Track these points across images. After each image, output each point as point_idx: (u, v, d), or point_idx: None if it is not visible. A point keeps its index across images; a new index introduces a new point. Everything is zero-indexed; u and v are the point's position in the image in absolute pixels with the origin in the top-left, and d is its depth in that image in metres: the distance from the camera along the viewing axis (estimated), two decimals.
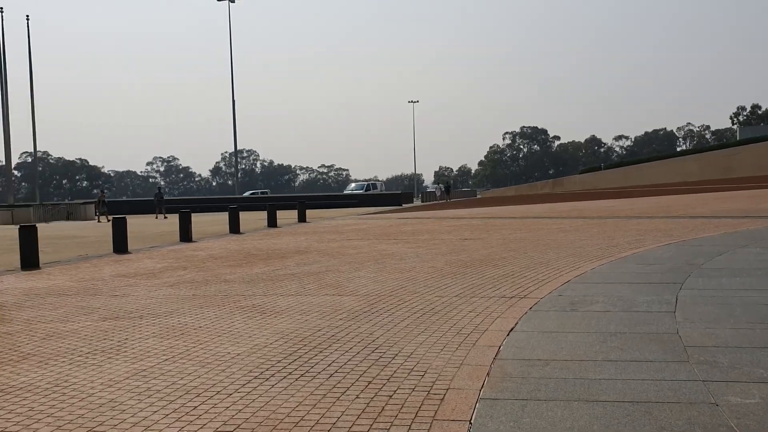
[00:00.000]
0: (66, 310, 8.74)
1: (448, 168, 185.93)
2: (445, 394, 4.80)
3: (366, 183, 59.19)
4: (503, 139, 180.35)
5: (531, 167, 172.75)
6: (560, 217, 25.23)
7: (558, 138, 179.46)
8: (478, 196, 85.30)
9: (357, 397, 4.80)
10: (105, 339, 6.93)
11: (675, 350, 5.72)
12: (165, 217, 36.97)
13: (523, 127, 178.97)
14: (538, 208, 33.23)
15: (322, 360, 5.80)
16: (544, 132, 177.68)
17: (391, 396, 4.80)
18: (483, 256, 13.22)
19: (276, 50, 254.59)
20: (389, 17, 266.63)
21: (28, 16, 57.56)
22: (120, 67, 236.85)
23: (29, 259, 13.84)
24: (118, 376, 5.49)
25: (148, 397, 4.92)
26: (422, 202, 61.11)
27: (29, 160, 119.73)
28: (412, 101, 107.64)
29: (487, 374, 5.22)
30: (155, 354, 6.21)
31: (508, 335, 6.49)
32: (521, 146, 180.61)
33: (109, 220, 33.27)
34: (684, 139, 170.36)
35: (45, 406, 4.79)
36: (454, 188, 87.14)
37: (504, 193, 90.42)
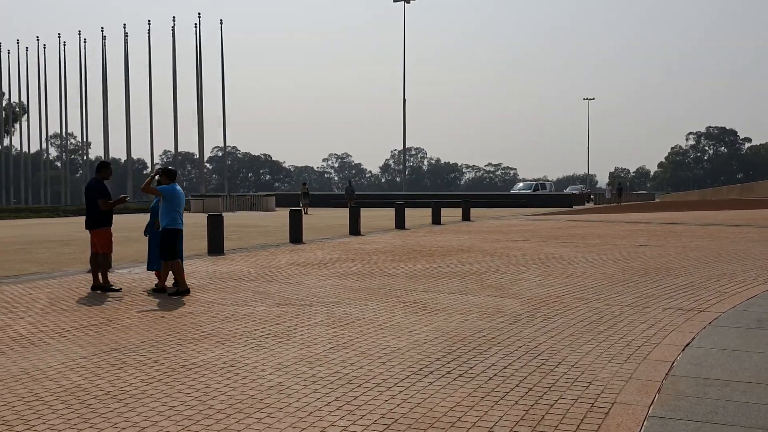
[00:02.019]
0: (244, 294, 9.35)
1: (625, 169, 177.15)
2: (610, 408, 4.55)
3: (534, 183, 57.83)
4: (686, 139, 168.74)
5: (717, 171, 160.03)
6: (748, 225, 23.12)
7: (749, 140, 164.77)
8: (657, 200, 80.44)
9: (516, 402, 4.69)
10: (277, 324, 7.32)
11: None
12: (306, 212, 37.26)
13: (709, 127, 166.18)
14: (723, 214, 30.69)
15: (481, 362, 5.73)
16: (733, 133, 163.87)
17: (552, 405, 4.64)
18: (659, 264, 12.43)
19: (447, 49, 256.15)
20: (562, 13, 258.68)
21: (221, 20, 62.40)
22: (300, 69, 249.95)
23: (215, 246, 14.97)
24: (287, 361, 5.77)
25: (313, 383, 5.13)
26: (594, 204, 58.68)
27: (220, 154, 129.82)
28: (587, 98, 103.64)
29: (658, 391, 4.89)
30: (321, 342, 6.46)
31: (683, 350, 6.04)
32: (706, 148, 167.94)
33: (306, 213, 34.79)
34: None
35: (220, 384, 5.14)
36: (630, 190, 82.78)
37: (685, 198, 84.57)
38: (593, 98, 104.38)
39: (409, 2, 62.09)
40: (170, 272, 9.62)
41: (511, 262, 12.86)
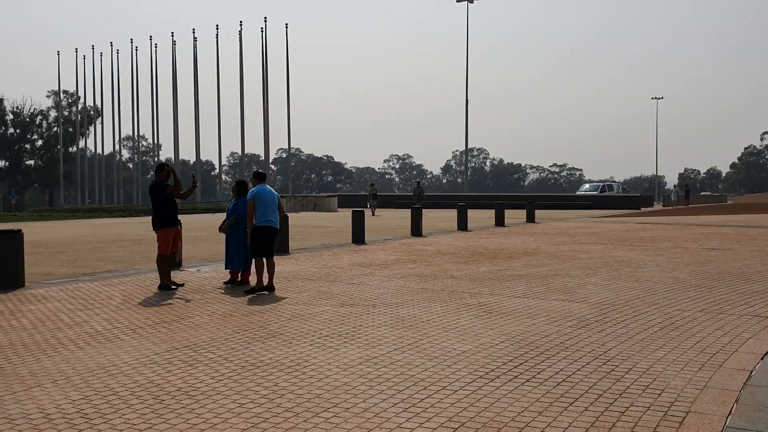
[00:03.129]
0: (309, 294, 9.46)
1: (695, 170, 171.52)
2: (684, 418, 4.41)
3: (601, 184, 56.49)
4: (761, 139, 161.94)
5: None
6: None
7: None
8: (729, 202, 77.54)
9: (586, 409, 4.59)
10: (341, 324, 7.38)
11: None
12: (373, 213, 35.77)
13: None
14: None
15: (549, 366, 5.64)
16: None
17: (623, 413, 4.52)
18: (733, 268, 11.98)
19: (510, 48, 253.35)
20: (630, 10, 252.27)
21: (286, 24, 63.38)
22: (362, 70, 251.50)
23: (281, 245, 15.19)
24: (352, 361, 5.81)
25: (379, 384, 5.15)
26: (663, 206, 56.98)
27: (284, 156, 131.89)
28: (655, 98, 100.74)
29: (736, 401, 4.70)
30: (386, 343, 6.48)
31: (762, 359, 5.80)
32: None
33: (374, 214, 34.68)
34: None
35: (287, 383, 5.22)
36: (699, 191, 79.99)
37: (760, 200, 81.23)
38: (662, 97, 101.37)
39: (472, 2, 61.70)
40: (263, 270, 9.79)
41: (578, 266, 12.62)
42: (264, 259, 9.73)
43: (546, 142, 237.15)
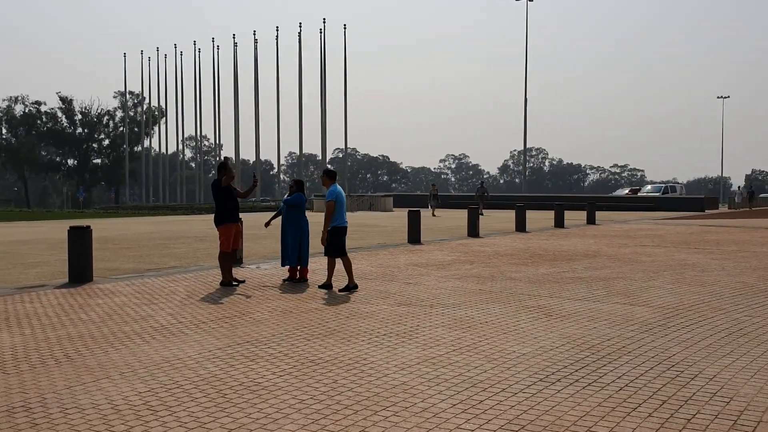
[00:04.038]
0: (366, 293, 9.52)
1: (762, 171, 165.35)
2: (755, 428, 4.26)
3: (663, 185, 54.99)
4: None
5: None
6: None
7: None
8: None
9: (650, 415, 4.49)
10: (399, 323, 7.40)
11: None
12: (481, 213, 33.06)
13: None
14: None
15: (611, 371, 5.53)
16: None
17: (689, 420, 4.40)
18: None
19: (570, 47, 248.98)
20: (694, 7, 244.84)
21: (345, 25, 63.78)
22: (418, 70, 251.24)
23: None
24: (410, 361, 5.82)
25: (437, 384, 5.14)
26: (729, 208, 55.11)
27: (340, 155, 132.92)
28: (721, 97, 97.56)
29: None
30: (444, 343, 6.46)
31: None
32: None
33: (434, 215, 33.55)
34: None
35: (346, 380, 5.26)
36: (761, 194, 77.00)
37: None
38: (728, 96, 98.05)
39: (531, 0, 60.95)
40: (334, 268, 9.93)
41: (640, 269, 12.33)
42: (340, 257, 9.85)
43: (607, 142, 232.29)
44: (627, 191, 55.46)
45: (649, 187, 57.08)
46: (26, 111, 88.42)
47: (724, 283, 10.45)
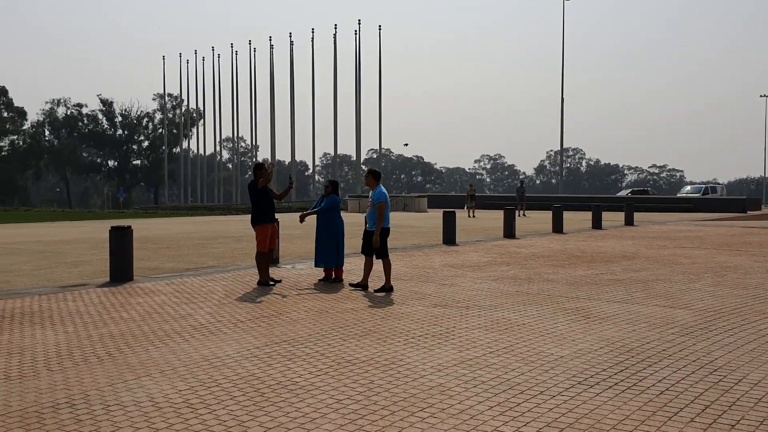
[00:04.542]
0: (401, 293, 9.52)
1: None
2: None
3: (703, 186, 53.94)
4: None
5: None
6: None
7: None
8: None
9: (692, 420, 4.41)
10: (435, 325, 7.39)
11: None
12: (523, 214, 33.50)
13: None
14: None
15: (651, 374, 5.44)
16: None
17: (733, 426, 4.31)
18: None
19: (607, 44, 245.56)
20: (736, 4, 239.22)
21: (380, 26, 63.99)
22: (452, 69, 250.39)
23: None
24: (447, 362, 5.80)
25: (474, 386, 5.12)
26: None
27: (375, 156, 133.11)
28: (764, 95, 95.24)
29: None
30: (481, 345, 6.44)
31: None
32: None
33: (472, 216, 32.89)
34: None
35: (383, 381, 5.27)
36: None
37: None
38: None
39: None
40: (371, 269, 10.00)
41: (679, 271, 12.11)
42: (381, 259, 9.88)
43: (645, 142, 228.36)
44: (628, 192, 54.69)
45: (688, 187, 56.05)
46: (68, 113, 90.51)
47: (767, 287, 10.22)
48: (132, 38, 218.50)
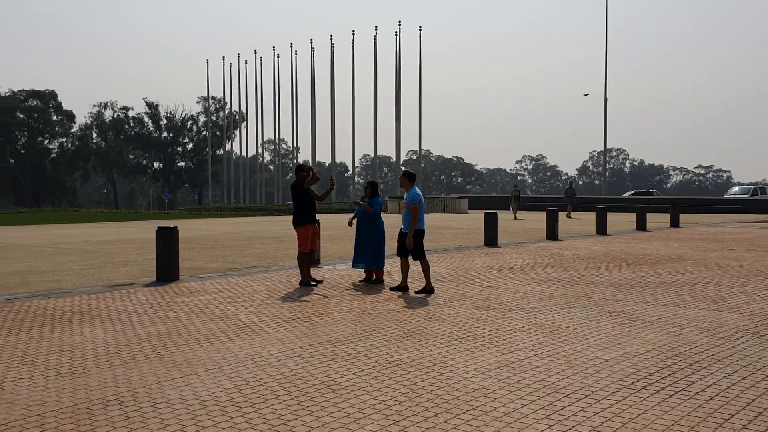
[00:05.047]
0: (443, 295, 9.50)
1: None
2: None
3: (752, 187, 52.52)
4: None
5: None
6: None
7: None
8: None
9: (744, 427, 4.30)
10: (477, 327, 7.35)
11: None
12: (569, 216, 32.54)
13: None
14: None
15: (700, 379, 5.33)
16: None
17: None
18: None
19: (652, 43, 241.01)
20: None
21: (420, 27, 63.93)
22: (492, 70, 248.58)
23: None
24: (490, 365, 5.77)
25: (518, 389, 5.08)
26: None
27: (414, 157, 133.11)
28: None
29: None
30: (524, 348, 6.38)
31: None
32: None
33: (515, 218, 32.12)
34: None
35: (425, 383, 5.26)
36: None
37: None
38: None
39: None
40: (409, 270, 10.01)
41: (728, 273, 11.82)
42: (419, 260, 9.88)
43: (690, 142, 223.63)
44: (630, 193, 53.56)
45: (736, 188, 54.69)
46: (115, 116, 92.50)
47: None
48: (177, 42, 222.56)
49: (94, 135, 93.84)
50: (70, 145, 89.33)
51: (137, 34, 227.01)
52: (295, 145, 75.53)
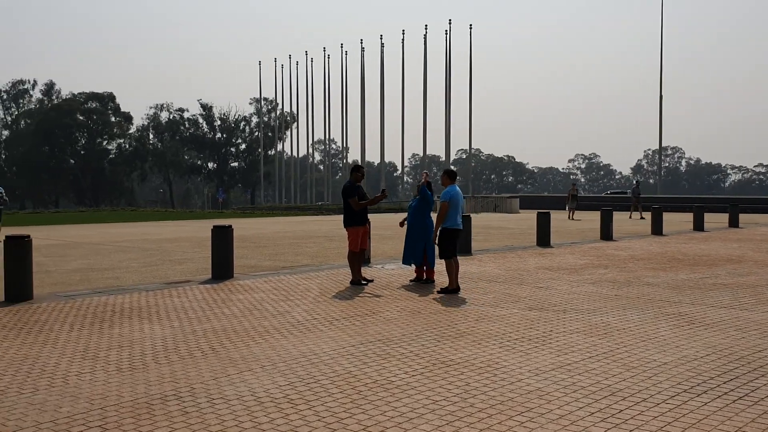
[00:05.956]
0: (495, 296, 9.42)
1: None
2: None
3: None
4: None
5: None
6: None
7: None
8: None
9: None
10: (531, 328, 7.26)
11: None
12: (642, 217, 31.42)
13: None
14: None
15: (765, 384, 5.16)
16: None
17: None
18: None
19: (709, 38, 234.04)
20: None
21: (471, 25, 63.47)
22: (544, 67, 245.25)
23: (464, 246, 15.25)
24: (544, 366, 5.70)
25: (573, 392, 5.00)
26: None
27: (464, 156, 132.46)
28: None
29: None
30: (579, 350, 6.28)
31: None
32: None
33: (571, 218, 31.18)
34: None
35: (479, 383, 5.23)
36: None
37: None
38: None
39: None
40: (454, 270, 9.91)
41: None
42: (444, 259, 9.82)
43: (750, 140, 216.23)
44: (608, 192, 51.58)
45: None
46: (171, 118, 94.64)
47: None
48: (230, 45, 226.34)
49: (151, 136, 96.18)
50: (127, 146, 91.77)
51: (192, 38, 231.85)
52: (344, 144, 75.98)
